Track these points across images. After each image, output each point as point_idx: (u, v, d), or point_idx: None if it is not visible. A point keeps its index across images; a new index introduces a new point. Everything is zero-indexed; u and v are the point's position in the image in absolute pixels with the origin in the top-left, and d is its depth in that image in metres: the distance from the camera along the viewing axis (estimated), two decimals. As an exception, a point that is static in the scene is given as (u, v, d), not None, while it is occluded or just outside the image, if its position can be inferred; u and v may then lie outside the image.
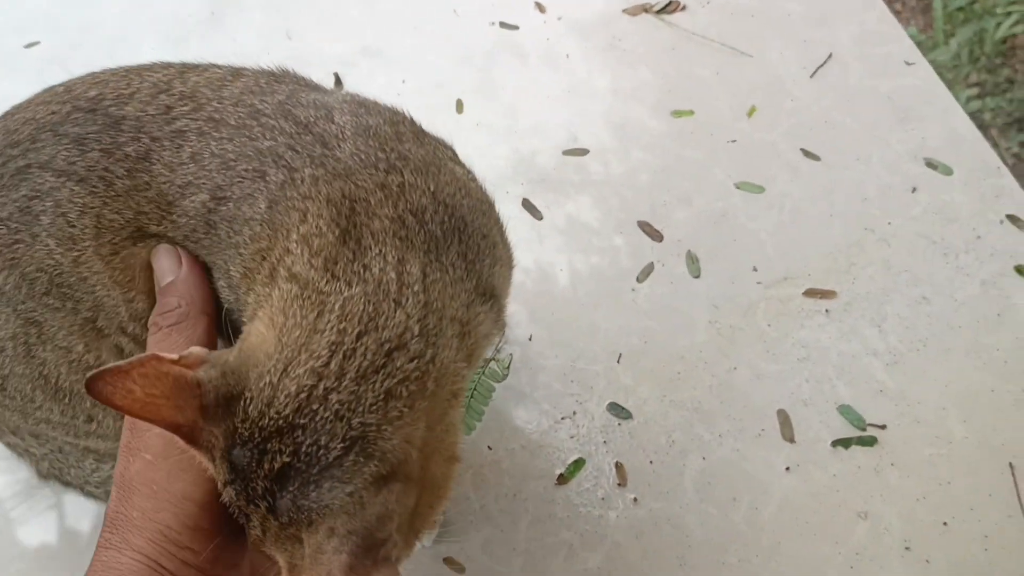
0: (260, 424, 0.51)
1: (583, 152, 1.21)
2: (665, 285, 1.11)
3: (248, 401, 0.51)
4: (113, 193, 0.63)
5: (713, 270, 1.11)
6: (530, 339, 1.08)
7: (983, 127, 2.48)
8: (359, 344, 0.53)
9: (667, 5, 1.32)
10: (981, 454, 0.98)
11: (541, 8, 1.35)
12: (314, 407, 0.51)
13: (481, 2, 1.37)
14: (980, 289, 1.08)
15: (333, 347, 0.53)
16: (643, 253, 1.13)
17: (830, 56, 1.26)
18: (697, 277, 1.11)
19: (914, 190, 1.15)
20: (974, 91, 2.60)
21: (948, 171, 1.16)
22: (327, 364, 0.52)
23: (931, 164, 1.16)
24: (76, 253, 0.64)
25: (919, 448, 0.99)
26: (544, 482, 1.00)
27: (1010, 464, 0.98)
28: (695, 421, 1.02)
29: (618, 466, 1.00)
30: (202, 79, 0.67)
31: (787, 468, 0.98)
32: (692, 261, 1.12)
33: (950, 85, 2.65)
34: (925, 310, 1.07)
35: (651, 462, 1.00)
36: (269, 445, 0.50)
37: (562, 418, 1.03)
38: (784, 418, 1.01)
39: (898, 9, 3.01)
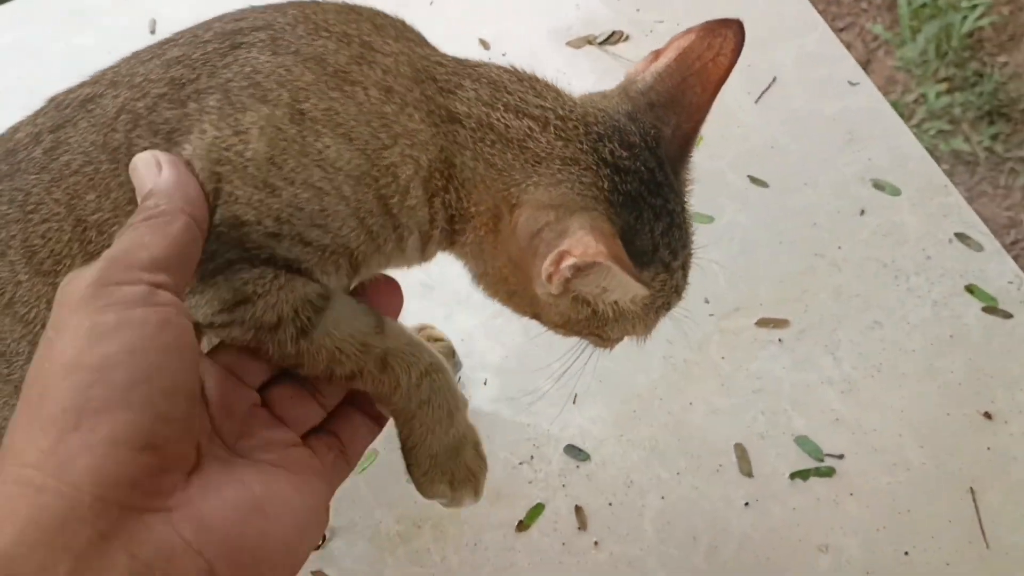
0: None
1: (531, 190, 1.22)
2: (618, 322, 1.11)
3: None
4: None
5: (665, 304, 1.12)
6: (484, 383, 1.09)
7: (953, 122, 2.52)
8: None
9: (610, 36, 1.34)
10: (940, 480, 0.99)
11: (485, 44, 1.36)
12: None
13: (426, 37, 1.37)
14: (932, 311, 1.09)
15: None
16: (595, 290, 1.14)
17: (774, 80, 1.28)
18: (649, 312, 1.12)
19: (863, 212, 1.17)
20: (943, 86, 2.64)
21: (896, 192, 1.17)
22: None
23: (878, 185, 1.18)
24: None
25: (877, 477, 1.00)
26: (504, 530, 1.00)
27: (971, 489, 0.99)
28: (653, 460, 1.03)
29: (578, 510, 1.01)
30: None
31: (746, 504, 0.99)
32: (644, 296, 1.13)
33: (919, 81, 2.69)
34: (878, 335, 1.08)
35: (610, 504, 1.01)
36: None
37: (519, 463, 1.04)
38: (741, 452, 1.02)
39: (864, 7, 3.05)
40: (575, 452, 1.04)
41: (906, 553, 0.96)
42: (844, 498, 0.99)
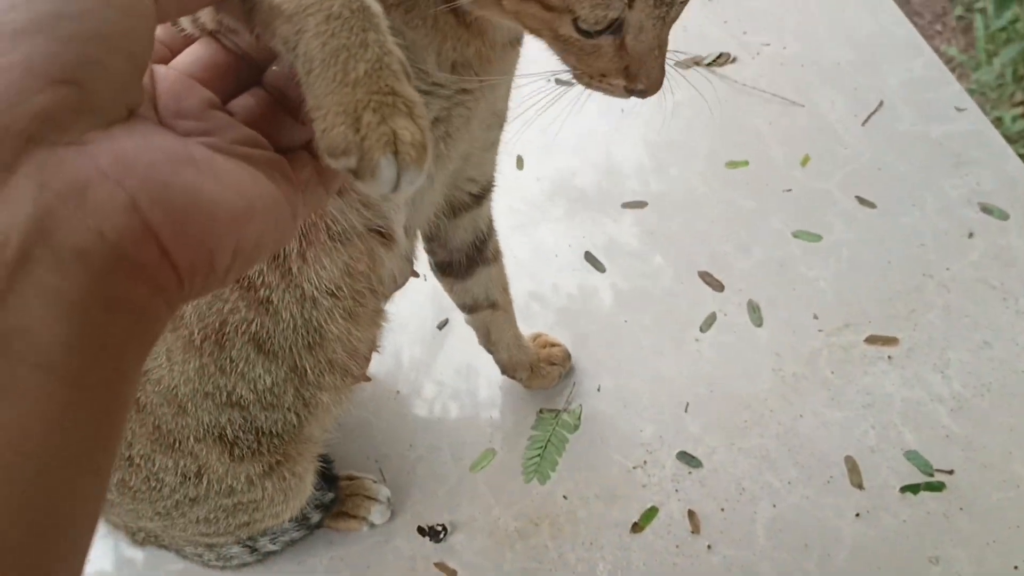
0: None
1: (642, 204, 1.27)
2: (728, 334, 1.16)
3: None
4: None
5: (775, 319, 1.16)
6: (599, 390, 1.14)
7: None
8: None
9: (717, 58, 1.39)
10: (1049, 497, 1.02)
11: (594, 63, 1.41)
12: None
13: (537, 55, 1.43)
14: (1041, 333, 1.12)
15: None
16: (705, 303, 1.19)
17: (881, 103, 1.32)
18: (759, 326, 1.16)
19: (971, 235, 1.20)
20: (1020, 110, 2.64)
21: (1004, 216, 1.20)
22: None
23: (986, 209, 1.21)
24: None
25: (988, 493, 1.03)
26: (619, 530, 1.05)
27: (1079, 506, 1.02)
28: (764, 469, 1.07)
29: (690, 514, 1.05)
30: None
31: (857, 514, 1.03)
32: (754, 310, 1.17)
33: (995, 105, 2.69)
34: (987, 355, 1.11)
35: (722, 509, 1.05)
36: None
37: (634, 467, 1.08)
38: (852, 465, 1.06)
39: (939, 30, 3.06)
40: (687, 459, 1.08)
41: (1015, 567, 0.99)
42: (954, 512, 1.02)
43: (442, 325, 1.21)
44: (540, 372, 1.13)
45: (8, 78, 0.34)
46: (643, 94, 0.67)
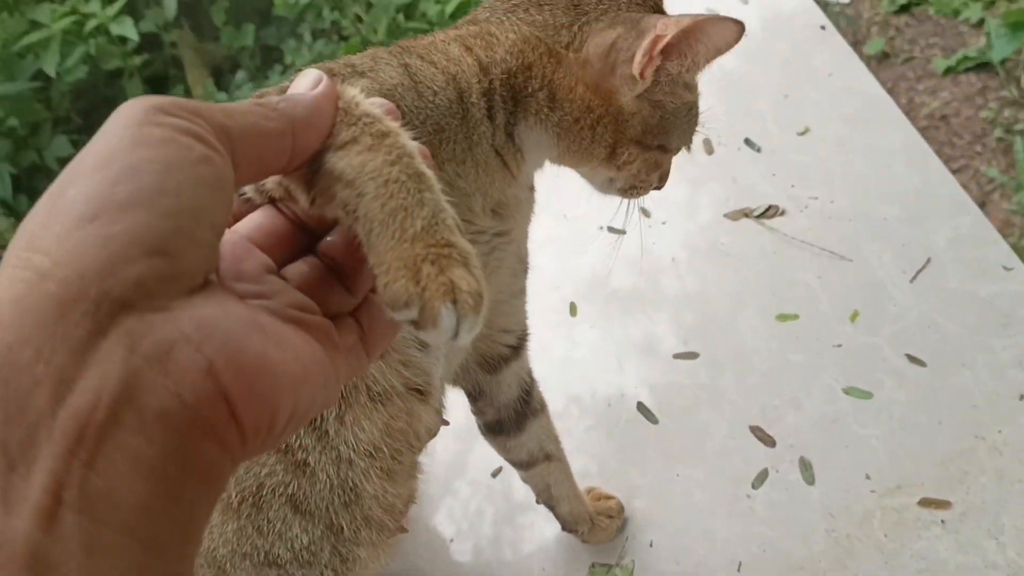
0: None
1: (693, 356, 1.30)
2: (780, 492, 1.18)
3: None
4: None
5: (827, 477, 1.18)
6: (651, 545, 1.15)
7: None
8: None
9: (767, 210, 1.44)
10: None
11: (646, 213, 1.47)
12: None
13: (588, 207, 1.49)
14: (1097, 501, 1.12)
15: None
16: (756, 459, 1.21)
17: (929, 260, 1.35)
18: (811, 484, 1.18)
19: (1021, 397, 1.21)
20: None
21: (1055, 378, 1.22)
22: None
23: (1037, 371, 1.23)
24: None
25: (1047, 668, 1.02)
26: None
27: None
28: (818, 634, 1.07)
29: None
30: None
31: None
32: (805, 468, 1.19)
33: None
34: (1042, 522, 1.11)
35: (776, 676, 1.05)
36: None
37: (686, 628, 1.09)
38: (907, 634, 1.06)
39: (978, 151, 3.11)
40: (740, 620, 1.09)
41: None
42: None
43: (496, 473, 1.23)
44: (598, 525, 1.15)
45: (112, 248, 0.37)
46: (661, 187, 0.88)
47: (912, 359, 1.26)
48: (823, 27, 1.63)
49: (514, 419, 1.02)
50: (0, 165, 3.14)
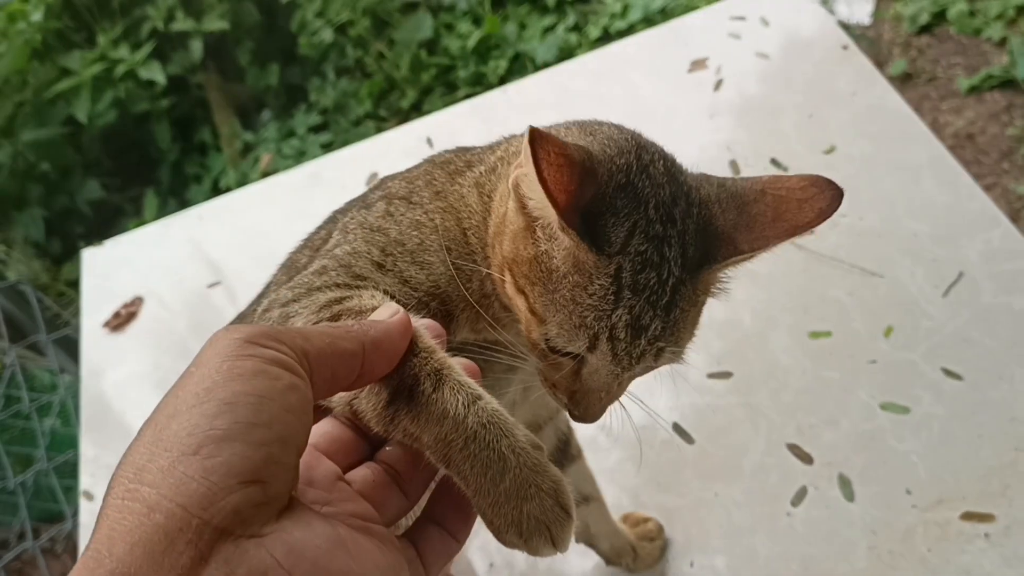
0: None
1: (727, 375, 1.31)
2: (820, 509, 1.18)
3: None
4: None
5: (867, 493, 1.18)
6: (692, 565, 1.16)
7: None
8: None
9: (796, 229, 1.44)
10: None
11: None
12: None
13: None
14: None
15: None
16: (795, 476, 1.21)
17: (961, 275, 1.36)
18: (851, 501, 1.18)
19: (1062, 409, 1.21)
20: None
21: (1094, 388, 1.22)
22: None
23: (1076, 381, 1.23)
24: None
25: None
26: None
27: None
28: (864, 652, 1.07)
29: None
30: None
31: None
32: (845, 484, 1.19)
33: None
34: (1088, 534, 1.11)
35: None
36: None
37: (730, 648, 1.09)
38: (955, 649, 1.05)
39: (1005, 168, 3.11)
40: (784, 639, 1.09)
41: None
42: None
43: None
44: (642, 551, 1.15)
45: (213, 479, 0.42)
46: (576, 418, 0.75)
47: (949, 373, 1.27)
48: (845, 47, 1.64)
49: None
50: (33, 209, 3.21)
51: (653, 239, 0.64)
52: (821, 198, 0.66)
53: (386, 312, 0.59)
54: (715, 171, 1.47)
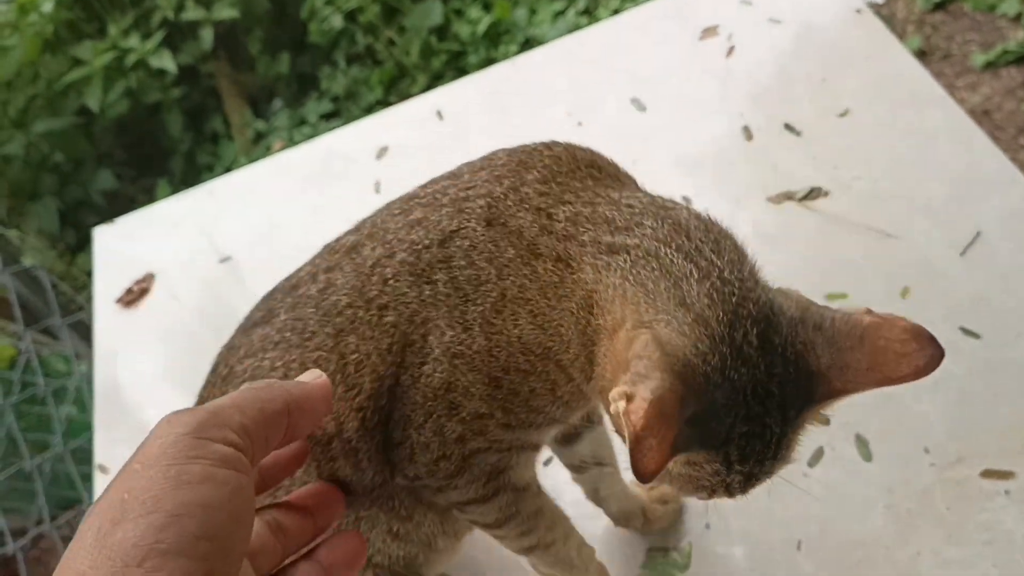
0: None
1: (741, 339, 1.30)
2: (837, 469, 1.16)
3: None
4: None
5: (884, 453, 1.17)
6: (707, 527, 1.14)
7: None
8: None
9: (810, 192, 1.43)
10: None
11: (689, 200, 1.47)
12: None
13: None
14: None
15: None
16: (811, 437, 1.19)
17: (978, 234, 1.34)
18: (868, 460, 1.16)
19: (1082, 366, 1.19)
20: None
21: (1115, 345, 1.20)
22: None
23: (1097, 339, 1.21)
24: None
25: (1124, 636, 0.99)
26: (735, 675, 1.04)
27: None
28: (883, 610, 1.05)
29: (809, 658, 1.03)
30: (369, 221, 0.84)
31: (986, 659, 1.00)
32: (862, 444, 1.18)
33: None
34: (1111, 489, 1.09)
35: (842, 653, 1.03)
36: None
37: (747, 608, 1.08)
38: (976, 606, 1.04)
39: (1022, 143, 3.08)
40: (802, 598, 1.08)
41: None
42: (1091, 658, 0.99)
43: (547, 462, 1.23)
44: (653, 515, 1.14)
45: None
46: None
47: (966, 332, 1.25)
48: (859, 11, 1.63)
49: (569, 432, 1.02)
50: (47, 199, 3.23)
51: (754, 419, 0.65)
52: (920, 355, 0.67)
53: (309, 376, 0.64)
54: (727, 138, 1.45)
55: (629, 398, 0.60)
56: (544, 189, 0.76)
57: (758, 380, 0.65)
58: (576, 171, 0.79)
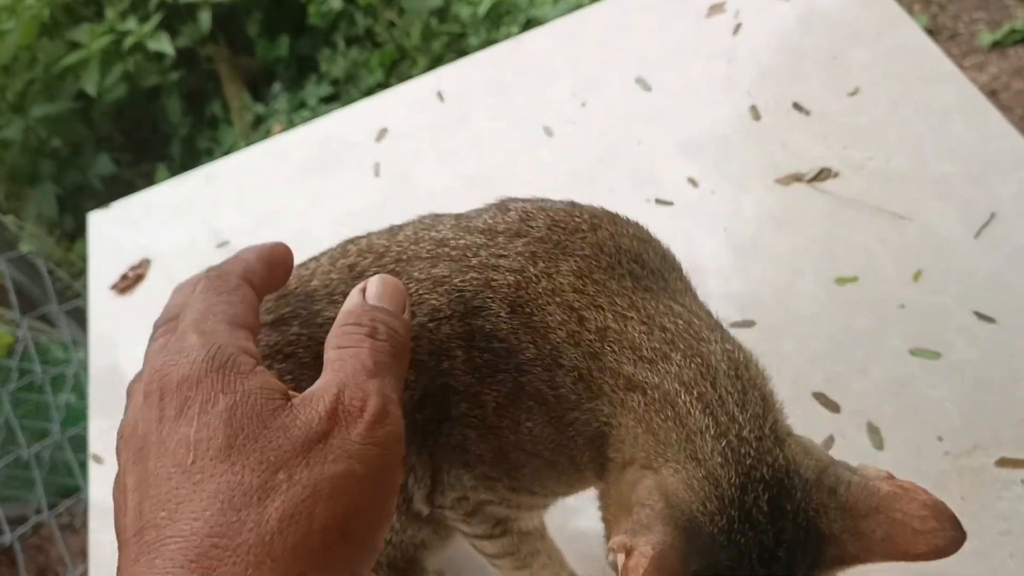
0: None
1: (750, 324, 1.27)
2: (849, 458, 1.11)
3: None
4: None
5: (897, 441, 1.13)
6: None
7: None
8: None
9: (819, 173, 1.40)
10: None
11: (694, 183, 1.43)
12: None
13: (635, 180, 1.47)
14: None
15: None
16: (821, 425, 1.16)
17: (993, 215, 1.30)
18: (880, 449, 1.13)
19: (1100, 350, 1.16)
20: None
21: None
22: None
23: (1116, 322, 1.17)
24: None
25: None
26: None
27: None
28: (898, 602, 1.02)
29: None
30: (370, 239, 0.79)
31: (1003, 653, 0.97)
32: (873, 432, 1.14)
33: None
34: None
35: (855, 646, 1.00)
36: None
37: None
38: (993, 598, 1.01)
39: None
40: (813, 590, 1.05)
41: None
42: (1112, 652, 0.96)
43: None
44: None
45: None
46: None
47: (981, 316, 1.21)
48: (868, -13, 1.59)
49: None
50: (45, 185, 3.20)
51: None
52: (940, 535, 0.63)
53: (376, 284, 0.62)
54: (734, 118, 1.41)
55: (628, 552, 0.58)
56: (579, 285, 0.70)
57: (765, 546, 0.62)
58: (616, 267, 0.72)
